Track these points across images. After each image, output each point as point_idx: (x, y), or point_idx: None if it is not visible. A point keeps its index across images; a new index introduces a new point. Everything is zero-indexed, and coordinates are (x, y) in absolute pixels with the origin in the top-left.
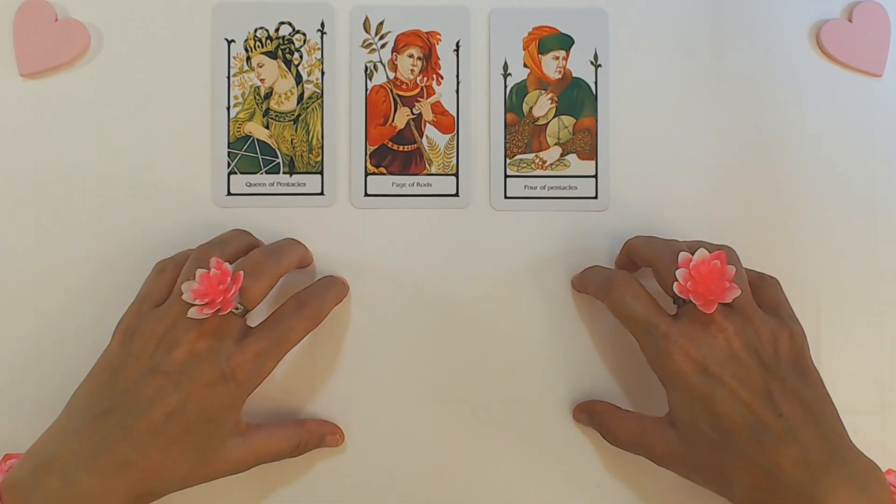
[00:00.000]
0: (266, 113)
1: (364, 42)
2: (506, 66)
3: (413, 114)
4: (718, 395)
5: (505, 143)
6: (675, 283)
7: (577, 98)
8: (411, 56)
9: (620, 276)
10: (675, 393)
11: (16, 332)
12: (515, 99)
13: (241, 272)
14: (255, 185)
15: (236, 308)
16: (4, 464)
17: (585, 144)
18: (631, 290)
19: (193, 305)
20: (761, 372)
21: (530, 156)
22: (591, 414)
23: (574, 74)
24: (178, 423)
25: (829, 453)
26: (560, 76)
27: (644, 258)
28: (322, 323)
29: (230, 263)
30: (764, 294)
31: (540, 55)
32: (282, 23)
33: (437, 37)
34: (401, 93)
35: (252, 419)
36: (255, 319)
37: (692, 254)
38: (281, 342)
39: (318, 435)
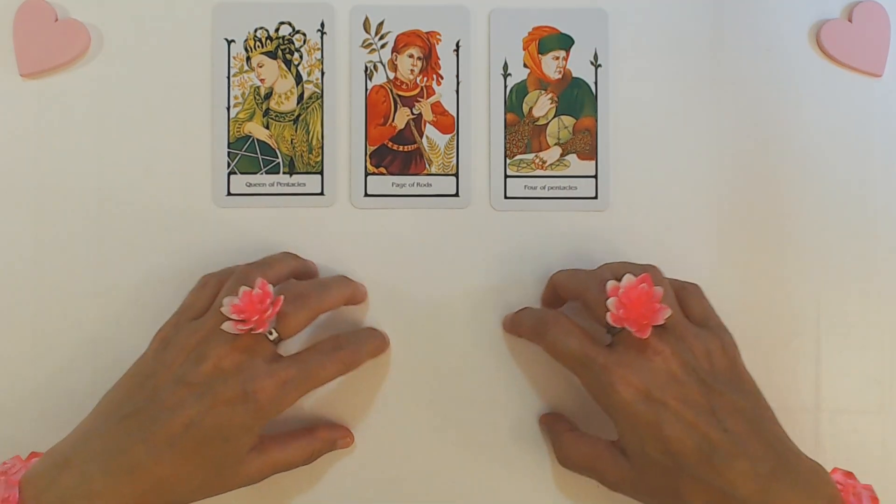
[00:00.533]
0: (266, 113)
1: (364, 42)
2: (506, 66)
3: (413, 114)
4: (665, 419)
5: (505, 143)
6: (608, 314)
7: (577, 98)
8: (411, 56)
9: (551, 316)
10: (623, 423)
11: (15, 331)
12: (515, 99)
13: (282, 297)
14: (255, 185)
15: (270, 332)
16: (28, 460)
17: (585, 144)
18: (562, 327)
19: (229, 319)
20: (701, 390)
21: (530, 156)
22: (550, 429)
23: (574, 74)
24: (194, 435)
25: (775, 460)
26: (560, 76)
27: (571, 292)
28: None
29: (274, 286)
30: (689, 305)
31: (540, 55)
32: (282, 23)
33: (437, 37)
34: (401, 93)
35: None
36: (287, 352)
37: (618, 280)
38: (309, 377)
39: (330, 441)
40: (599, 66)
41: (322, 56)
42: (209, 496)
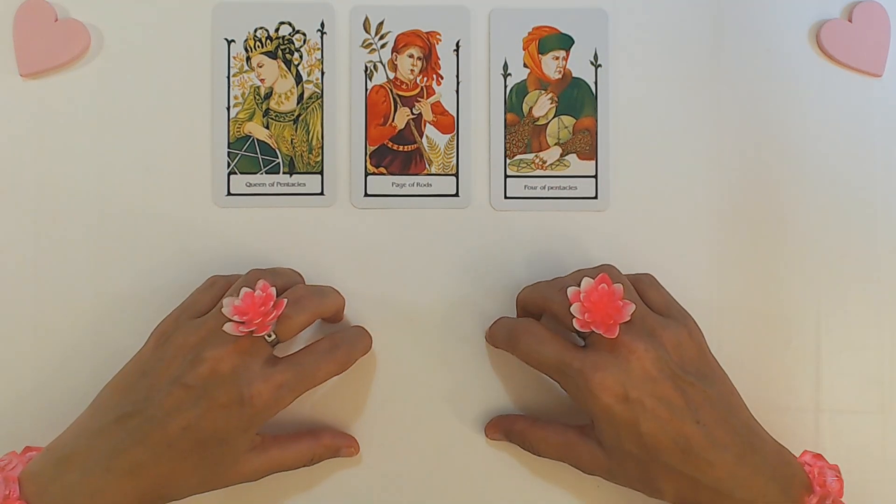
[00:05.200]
0: (266, 113)
1: (364, 42)
2: (506, 66)
3: (413, 114)
4: (642, 418)
5: (505, 143)
6: (574, 320)
7: (577, 98)
8: (411, 56)
9: (522, 325)
10: (601, 422)
11: (14, 330)
12: (515, 99)
13: (285, 300)
14: (255, 185)
15: (269, 335)
16: (24, 455)
17: (585, 144)
18: (535, 335)
19: (231, 321)
20: (674, 385)
21: (530, 156)
22: (508, 432)
23: (574, 74)
24: (192, 437)
25: (741, 447)
26: (560, 76)
27: (537, 305)
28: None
29: (278, 293)
30: (649, 296)
31: (540, 55)
32: (282, 23)
33: (437, 37)
34: (401, 93)
35: (264, 428)
36: (283, 353)
37: (578, 285)
38: (305, 378)
39: (333, 448)
40: (599, 66)
41: (322, 56)
42: (208, 490)
